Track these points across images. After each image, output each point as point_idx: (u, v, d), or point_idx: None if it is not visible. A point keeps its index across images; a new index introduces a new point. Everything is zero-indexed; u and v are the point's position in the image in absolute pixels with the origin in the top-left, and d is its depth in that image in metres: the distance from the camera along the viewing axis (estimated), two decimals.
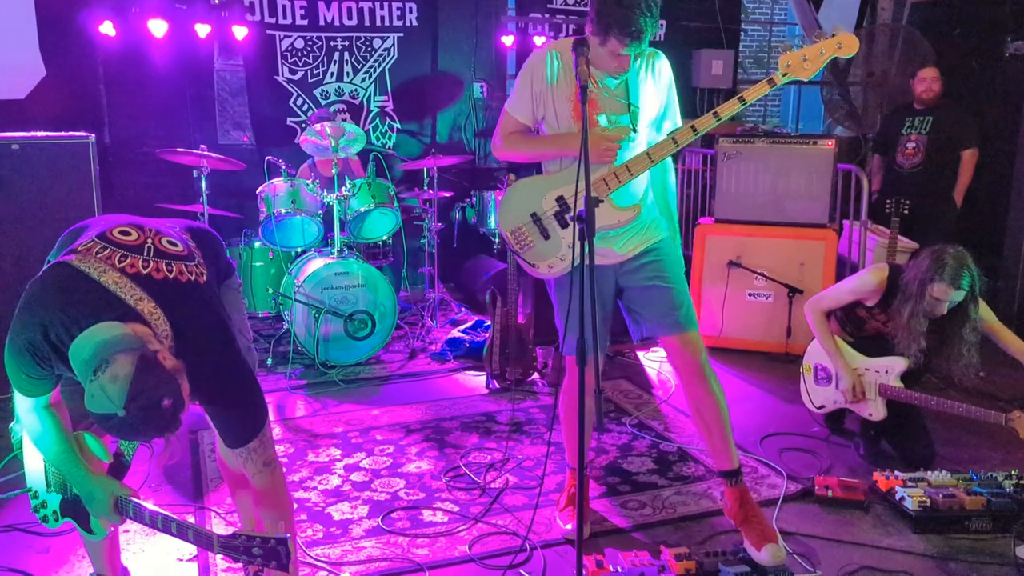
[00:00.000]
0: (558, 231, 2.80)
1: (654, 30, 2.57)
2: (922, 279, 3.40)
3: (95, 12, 5.39)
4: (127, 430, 1.85)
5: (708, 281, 5.20)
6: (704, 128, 2.66)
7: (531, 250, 2.84)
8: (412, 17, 6.43)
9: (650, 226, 2.88)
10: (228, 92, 6.20)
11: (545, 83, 2.76)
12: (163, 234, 2.19)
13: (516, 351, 4.51)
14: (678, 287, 2.85)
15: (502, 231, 2.90)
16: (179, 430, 1.93)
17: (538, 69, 2.77)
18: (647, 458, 3.68)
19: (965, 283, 3.34)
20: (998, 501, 3.07)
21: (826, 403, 3.87)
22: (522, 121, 2.85)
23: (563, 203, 2.78)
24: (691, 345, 2.82)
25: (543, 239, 2.82)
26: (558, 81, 2.75)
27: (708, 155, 6.41)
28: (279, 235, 5.13)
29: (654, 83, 2.79)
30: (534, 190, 2.84)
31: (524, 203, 2.84)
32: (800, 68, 2.63)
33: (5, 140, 4.06)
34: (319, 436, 3.91)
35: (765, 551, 2.74)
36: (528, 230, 2.83)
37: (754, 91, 2.66)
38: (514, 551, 2.91)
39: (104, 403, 1.79)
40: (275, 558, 1.79)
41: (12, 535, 3.00)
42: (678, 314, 2.81)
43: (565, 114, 2.76)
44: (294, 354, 4.78)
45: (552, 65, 2.75)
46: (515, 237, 2.84)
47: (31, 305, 1.98)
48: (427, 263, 5.82)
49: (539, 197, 2.82)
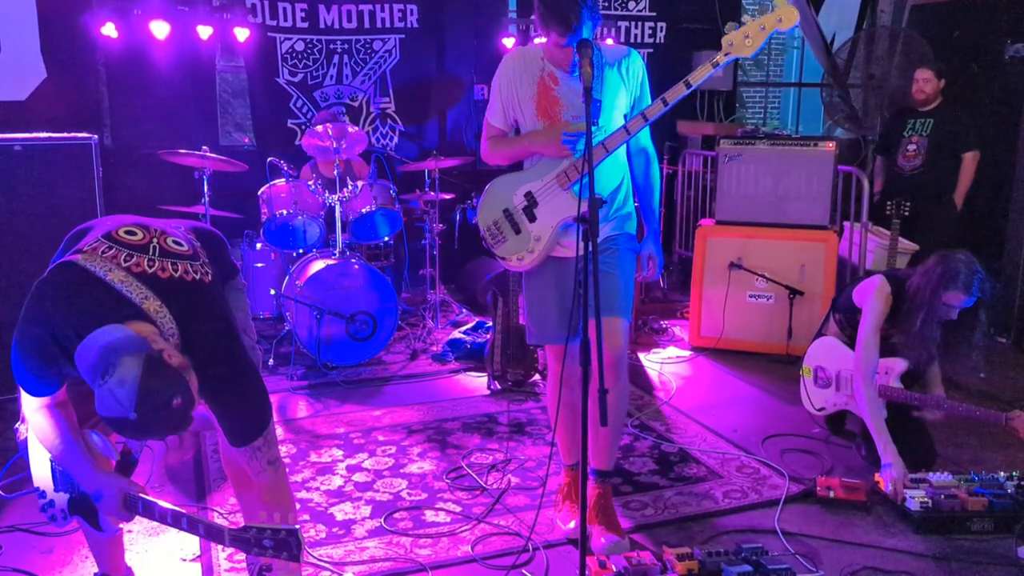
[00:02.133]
0: (527, 225, 2.95)
1: (591, 22, 2.66)
2: (935, 287, 3.36)
3: (97, 14, 5.39)
4: (140, 431, 1.86)
5: (709, 283, 5.21)
6: (655, 115, 2.75)
7: (503, 244, 2.99)
8: (413, 19, 6.44)
9: (616, 221, 3.01)
10: (229, 94, 6.22)
11: (512, 88, 2.92)
12: (168, 234, 2.20)
13: (517, 352, 4.52)
14: (625, 280, 2.98)
15: (480, 228, 3.04)
16: (191, 426, 1.94)
17: (504, 76, 2.94)
18: (649, 459, 3.68)
19: (977, 288, 3.34)
20: (1000, 502, 3.08)
21: (826, 405, 3.88)
22: (499, 127, 3.02)
23: (531, 198, 2.92)
24: (618, 333, 2.89)
25: (514, 233, 2.97)
26: (521, 84, 2.90)
27: (709, 157, 6.43)
28: (281, 236, 5.13)
29: (623, 80, 2.89)
30: (506, 187, 3.00)
31: (497, 200, 3.00)
32: (742, 46, 2.70)
33: (7, 141, 4.06)
34: (321, 437, 3.91)
35: (606, 540, 2.88)
36: (502, 225, 2.99)
37: (698, 74, 2.73)
38: (517, 551, 2.91)
39: (114, 407, 1.80)
40: (286, 549, 1.79)
41: (15, 535, 3.00)
42: (616, 301, 2.91)
43: (530, 114, 2.91)
44: (295, 355, 4.79)
45: (515, 70, 2.91)
46: (490, 233, 3.01)
47: (38, 304, 1.98)
48: (428, 264, 5.83)
49: (510, 193, 2.97)
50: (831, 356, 3.84)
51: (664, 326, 5.73)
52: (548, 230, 2.90)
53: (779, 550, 2.90)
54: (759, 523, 3.12)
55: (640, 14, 7.08)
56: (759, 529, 3.08)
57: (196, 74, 6.00)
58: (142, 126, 5.84)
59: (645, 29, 7.12)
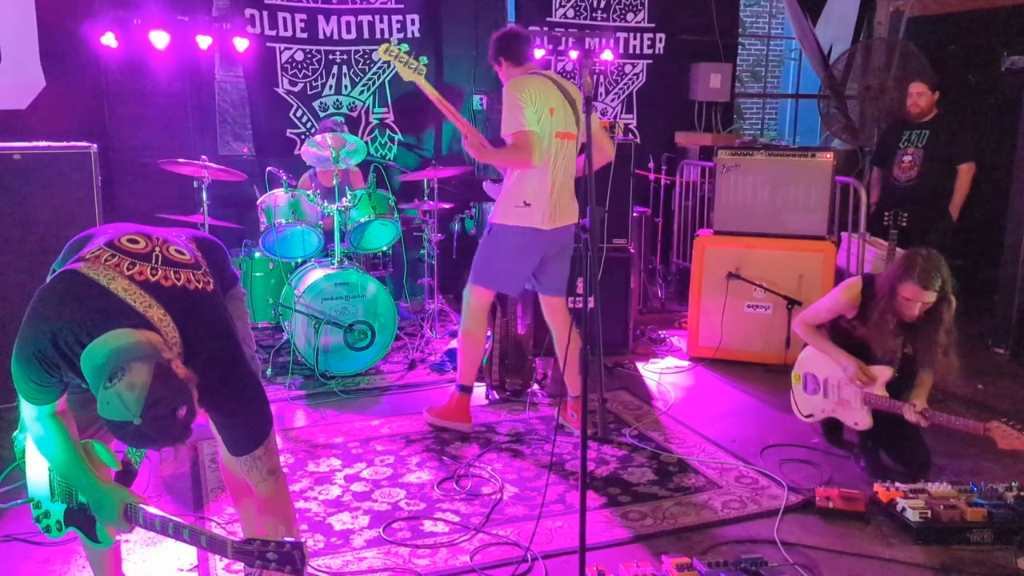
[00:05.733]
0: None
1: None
2: (892, 280, 3.45)
3: (97, 24, 5.40)
4: (140, 438, 1.84)
5: (707, 293, 5.21)
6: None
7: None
8: (414, 29, 6.46)
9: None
10: (229, 103, 6.22)
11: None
12: (170, 243, 2.20)
13: (515, 362, 4.52)
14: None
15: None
16: (189, 438, 1.93)
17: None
18: (647, 469, 3.68)
19: (936, 284, 3.36)
20: (999, 513, 3.08)
21: (814, 412, 3.90)
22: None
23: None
24: (563, 303, 4.09)
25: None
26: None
27: (707, 167, 6.44)
28: (279, 246, 5.13)
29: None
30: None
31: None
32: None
33: (7, 150, 4.07)
34: (319, 446, 3.90)
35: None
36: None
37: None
38: (516, 561, 2.91)
39: (120, 411, 1.79)
40: (290, 563, 1.78)
41: (12, 545, 2.99)
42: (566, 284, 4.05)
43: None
44: (294, 365, 4.78)
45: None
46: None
47: (40, 312, 1.98)
48: (427, 274, 5.83)
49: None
50: (820, 362, 3.86)
51: (662, 336, 5.73)
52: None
53: (778, 560, 2.90)
54: (758, 533, 3.12)
55: (639, 25, 7.12)
56: (758, 539, 3.08)
57: (195, 84, 6.01)
58: (141, 135, 5.84)
59: (644, 40, 7.15)
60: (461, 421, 4.06)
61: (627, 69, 7.17)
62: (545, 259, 3.97)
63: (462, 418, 4.06)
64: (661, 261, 6.93)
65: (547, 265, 4.00)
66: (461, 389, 4.07)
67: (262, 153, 6.18)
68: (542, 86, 3.80)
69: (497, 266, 3.95)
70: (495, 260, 3.95)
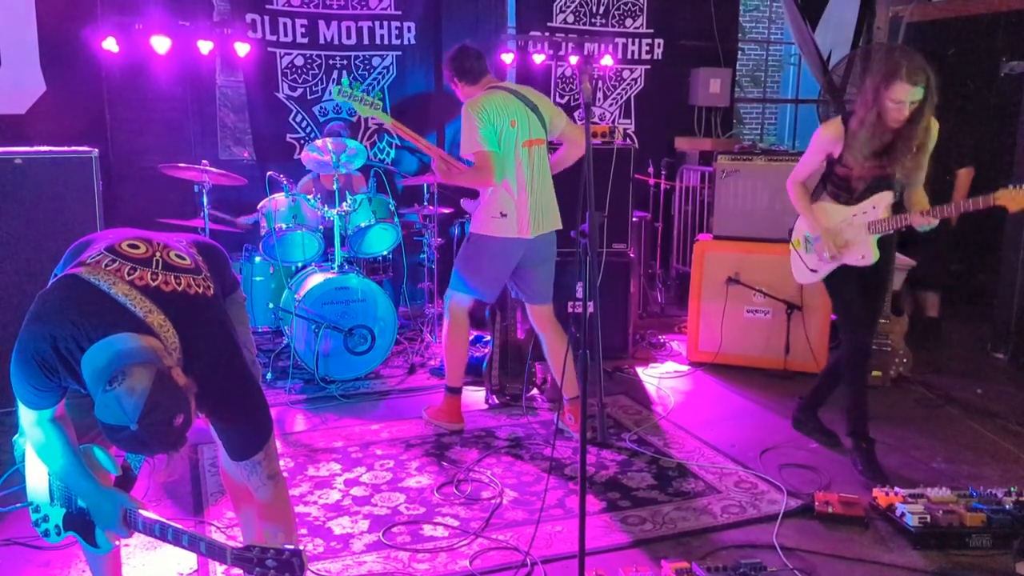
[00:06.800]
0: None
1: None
2: (876, 87, 3.33)
3: (98, 29, 5.42)
4: (134, 444, 1.84)
5: (707, 298, 5.22)
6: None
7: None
8: (411, 36, 6.48)
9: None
10: (229, 108, 6.24)
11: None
12: (171, 248, 2.21)
13: (515, 366, 4.52)
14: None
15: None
16: (182, 447, 1.93)
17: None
18: (647, 474, 3.68)
19: (923, 79, 3.27)
20: (998, 518, 3.08)
21: (818, 267, 3.86)
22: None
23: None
24: (550, 311, 4.10)
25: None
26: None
27: (706, 172, 6.46)
28: (280, 250, 5.13)
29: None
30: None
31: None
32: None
33: (8, 154, 4.08)
34: (319, 451, 3.91)
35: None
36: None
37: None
38: (515, 566, 2.91)
39: (117, 415, 1.79)
40: (289, 570, 1.78)
41: (12, 549, 3.00)
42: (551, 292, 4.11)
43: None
44: (294, 369, 4.79)
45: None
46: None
47: (40, 316, 1.98)
48: (427, 278, 5.84)
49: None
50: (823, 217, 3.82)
51: (662, 341, 5.74)
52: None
53: (777, 565, 2.90)
54: (757, 538, 3.12)
55: (638, 31, 7.13)
56: (757, 544, 3.08)
57: (196, 88, 6.02)
58: (142, 140, 5.85)
59: (643, 46, 7.17)
60: (452, 421, 4.14)
61: (625, 74, 7.18)
62: (526, 268, 4.00)
63: (452, 418, 4.14)
64: (661, 266, 6.93)
65: (530, 274, 4.03)
66: (449, 391, 4.15)
67: (262, 158, 6.19)
68: (501, 101, 3.86)
69: (475, 274, 4.00)
70: (473, 268, 4.01)
